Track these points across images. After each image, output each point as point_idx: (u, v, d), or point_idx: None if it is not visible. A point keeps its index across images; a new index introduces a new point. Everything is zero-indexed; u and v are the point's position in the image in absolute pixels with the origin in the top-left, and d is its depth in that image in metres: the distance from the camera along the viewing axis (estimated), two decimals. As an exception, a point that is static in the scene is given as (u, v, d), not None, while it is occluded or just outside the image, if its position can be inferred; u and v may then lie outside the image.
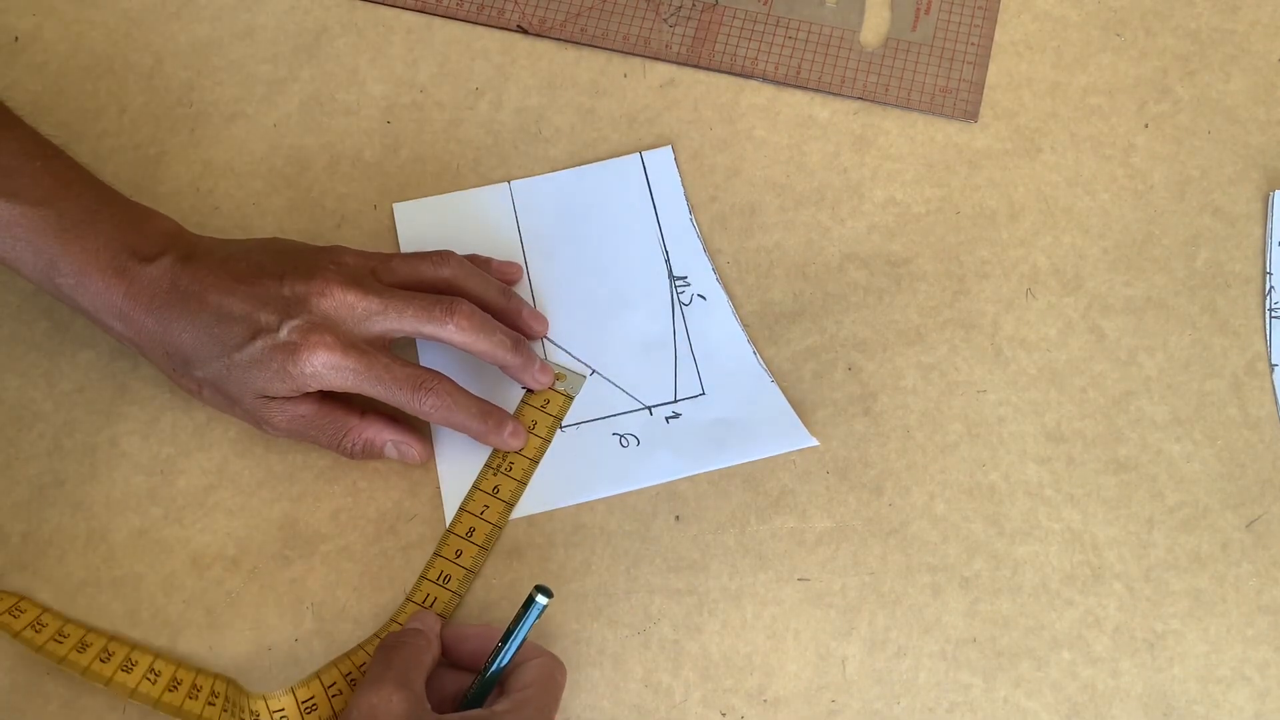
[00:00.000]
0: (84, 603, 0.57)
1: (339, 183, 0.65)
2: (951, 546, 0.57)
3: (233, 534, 0.58)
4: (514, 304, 0.60)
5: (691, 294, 0.62)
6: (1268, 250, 0.61)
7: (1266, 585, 0.56)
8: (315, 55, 0.68)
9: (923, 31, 0.67)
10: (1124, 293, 0.61)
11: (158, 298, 0.55)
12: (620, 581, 0.57)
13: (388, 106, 0.66)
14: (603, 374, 0.60)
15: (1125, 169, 0.63)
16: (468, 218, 0.64)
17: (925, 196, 0.63)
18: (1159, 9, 0.67)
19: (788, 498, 0.58)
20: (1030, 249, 0.62)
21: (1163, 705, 0.54)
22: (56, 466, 0.59)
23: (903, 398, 0.59)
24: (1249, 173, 0.63)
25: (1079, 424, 0.59)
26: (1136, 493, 0.57)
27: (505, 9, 0.68)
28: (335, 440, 0.57)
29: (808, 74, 0.66)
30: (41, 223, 0.55)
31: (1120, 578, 0.56)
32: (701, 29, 0.67)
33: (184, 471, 0.59)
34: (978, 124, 0.65)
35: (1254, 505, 0.57)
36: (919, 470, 0.58)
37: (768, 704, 0.54)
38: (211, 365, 0.54)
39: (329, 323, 0.54)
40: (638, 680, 0.55)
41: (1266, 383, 0.59)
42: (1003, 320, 0.61)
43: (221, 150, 0.66)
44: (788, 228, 0.63)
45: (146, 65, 0.68)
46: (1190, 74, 0.65)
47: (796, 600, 0.56)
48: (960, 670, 0.55)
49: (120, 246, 0.55)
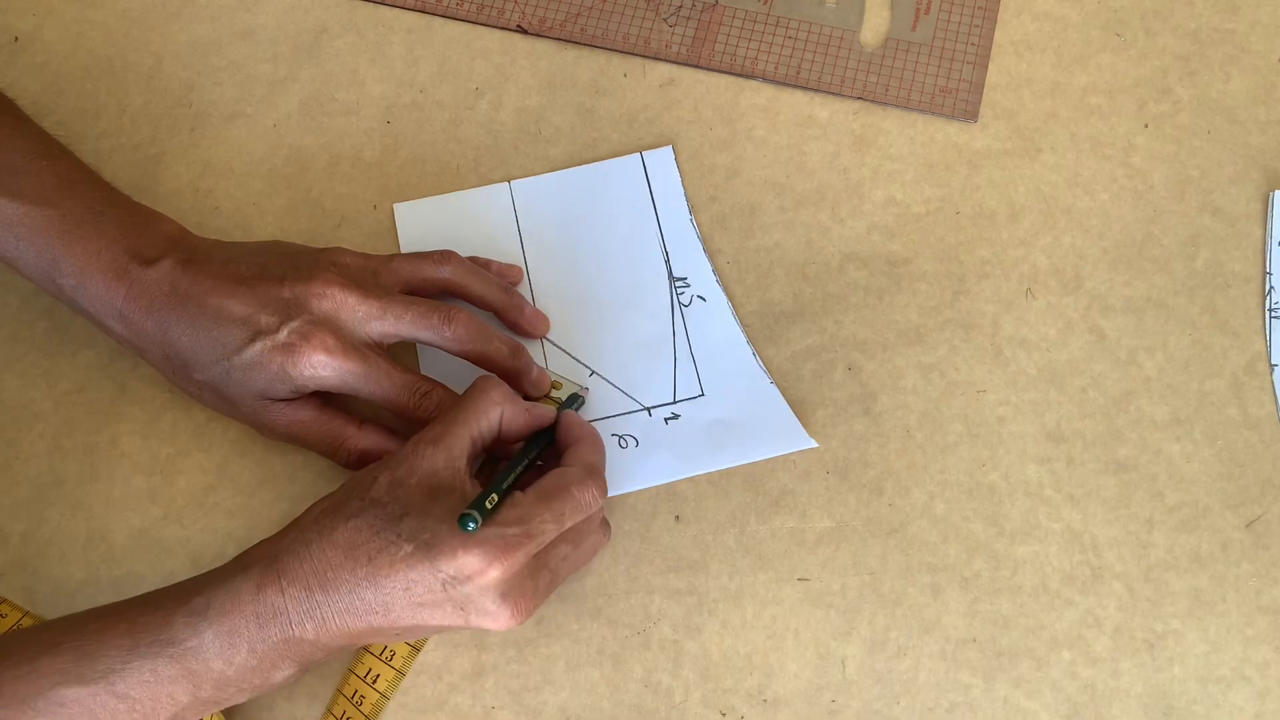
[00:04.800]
0: (84, 603, 0.57)
1: (339, 183, 0.65)
2: (951, 546, 0.57)
3: (233, 534, 0.58)
4: (516, 303, 0.60)
5: (691, 295, 0.62)
6: (1268, 250, 0.61)
7: (1266, 585, 0.56)
8: (315, 55, 0.68)
9: (923, 31, 0.67)
10: (1124, 293, 0.61)
11: (157, 301, 0.55)
12: (620, 581, 0.57)
13: (388, 106, 0.66)
14: (602, 375, 0.60)
15: (1125, 169, 0.63)
16: (468, 218, 0.64)
17: (925, 196, 0.63)
18: (1159, 9, 0.67)
19: (788, 498, 0.58)
20: (1030, 249, 0.62)
21: (1163, 705, 0.54)
22: (56, 466, 0.59)
23: (903, 398, 0.59)
24: (1249, 173, 0.63)
25: (1079, 424, 0.59)
26: (1136, 493, 0.57)
27: (505, 9, 0.68)
28: (332, 448, 0.57)
29: (808, 74, 0.66)
30: (44, 223, 0.55)
31: (1120, 578, 0.56)
32: (701, 29, 0.67)
33: (184, 471, 0.59)
34: (978, 124, 0.65)
35: (1254, 505, 0.57)
36: (919, 470, 0.58)
37: (768, 704, 0.54)
38: (211, 368, 0.54)
39: (329, 324, 0.54)
40: (638, 680, 0.55)
41: (1266, 383, 0.59)
42: (1003, 320, 0.61)
43: (221, 150, 0.66)
44: (788, 228, 0.63)
45: (146, 65, 0.68)
46: (1190, 74, 0.65)
47: (796, 600, 0.56)
48: (960, 670, 0.55)
49: (122, 249, 0.55)
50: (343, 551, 0.49)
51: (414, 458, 0.51)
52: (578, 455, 0.54)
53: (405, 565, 0.48)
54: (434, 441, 0.51)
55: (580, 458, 0.54)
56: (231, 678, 0.48)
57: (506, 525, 0.49)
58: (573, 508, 0.51)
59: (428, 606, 0.49)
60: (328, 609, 0.49)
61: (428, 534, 0.48)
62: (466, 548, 0.48)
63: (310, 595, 0.48)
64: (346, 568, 0.49)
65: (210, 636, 0.48)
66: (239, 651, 0.48)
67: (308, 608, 0.48)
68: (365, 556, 0.49)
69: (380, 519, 0.49)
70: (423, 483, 0.50)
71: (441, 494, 0.50)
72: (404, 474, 0.50)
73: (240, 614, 0.48)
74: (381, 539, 0.49)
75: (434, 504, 0.49)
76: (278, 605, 0.48)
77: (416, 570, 0.48)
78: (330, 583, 0.49)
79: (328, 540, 0.49)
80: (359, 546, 0.49)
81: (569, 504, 0.51)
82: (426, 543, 0.48)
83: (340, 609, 0.49)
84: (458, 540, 0.48)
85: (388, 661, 0.54)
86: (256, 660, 0.48)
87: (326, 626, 0.49)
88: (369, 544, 0.49)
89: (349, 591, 0.49)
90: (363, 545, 0.49)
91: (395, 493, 0.50)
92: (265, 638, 0.48)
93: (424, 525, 0.49)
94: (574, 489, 0.51)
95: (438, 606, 0.49)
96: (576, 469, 0.52)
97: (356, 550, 0.49)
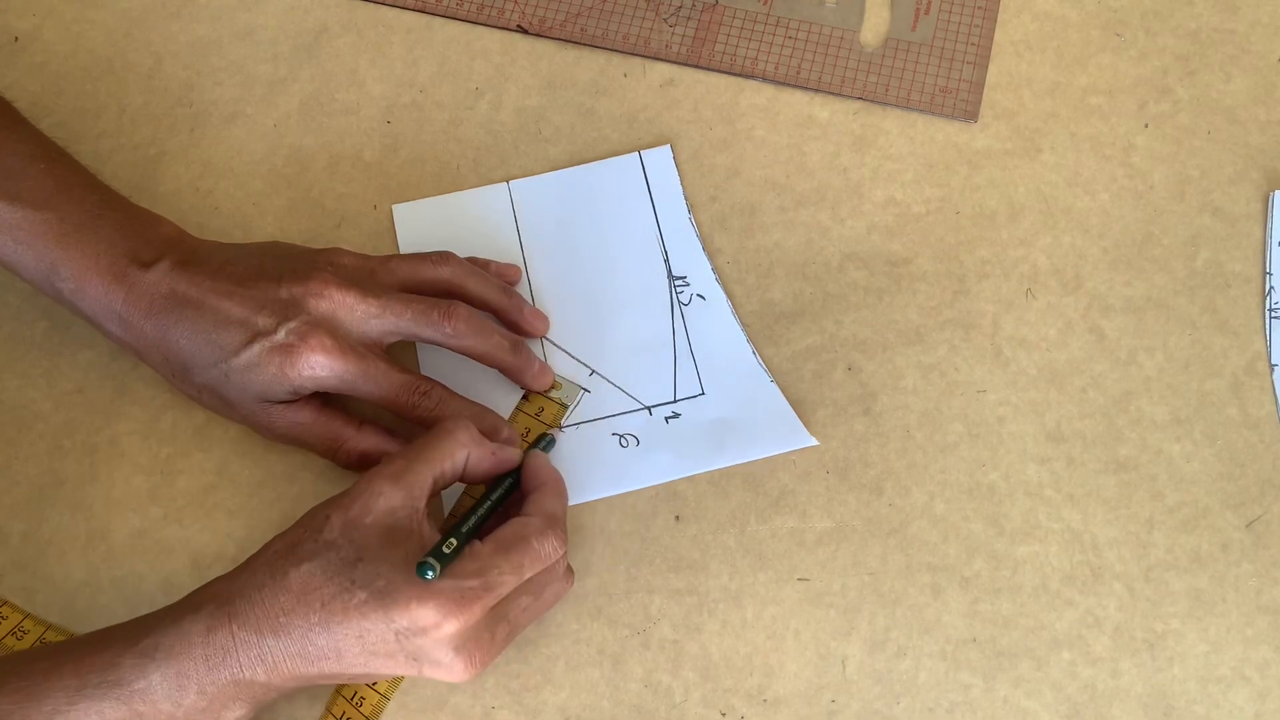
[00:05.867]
0: (84, 603, 0.57)
1: (339, 183, 0.65)
2: (951, 546, 0.57)
3: (233, 534, 0.58)
4: (515, 302, 0.60)
5: (691, 294, 0.62)
6: (1268, 250, 0.61)
7: (1266, 585, 0.56)
8: (315, 55, 0.68)
9: (923, 31, 0.67)
10: (1124, 293, 0.61)
11: (156, 303, 0.55)
12: (620, 581, 0.57)
13: (388, 106, 0.66)
14: (602, 374, 0.60)
15: (1125, 169, 0.63)
16: (466, 218, 0.64)
17: (925, 196, 0.63)
18: (1159, 9, 0.67)
19: (788, 498, 0.58)
20: (1030, 249, 0.62)
21: (1163, 705, 0.54)
22: (56, 466, 0.59)
23: (903, 398, 0.59)
24: (1249, 173, 0.63)
25: (1079, 424, 0.59)
26: (1136, 493, 0.57)
27: (505, 9, 0.68)
28: (331, 449, 0.57)
29: (808, 74, 0.66)
30: (43, 226, 0.55)
31: (1120, 578, 0.56)
32: (701, 29, 0.67)
33: (184, 471, 0.59)
34: (978, 124, 0.65)
35: (1254, 505, 0.57)
36: (919, 470, 0.58)
37: (768, 704, 0.54)
38: (210, 370, 0.54)
39: (326, 324, 0.54)
40: (638, 680, 0.55)
41: (1266, 383, 0.59)
42: (1003, 320, 0.61)
43: (221, 150, 0.66)
44: (788, 228, 0.63)
45: (146, 65, 0.68)
46: (1190, 74, 0.65)
47: (796, 600, 0.56)
48: (960, 670, 0.55)
49: (121, 252, 0.55)
50: (295, 596, 0.48)
51: (370, 496, 0.49)
52: (539, 504, 0.53)
53: (358, 614, 0.47)
54: (394, 479, 0.50)
55: (541, 506, 0.52)
56: (180, 719, 0.48)
57: (464, 578, 0.48)
58: (532, 559, 0.50)
59: (380, 656, 0.48)
60: (279, 653, 0.48)
61: (382, 581, 0.48)
62: (421, 600, 0.47)
63: (262, 639, 0.48)
64: (299, 613, 0.48)
65: (158, 679, 0.47)
66: (188, 693, 0.47)
67: (259, 652, 0.48)
68: (319, 602, 0.48)
69: (334, 564, 0.48)
70: (378, 523, 0.49)
71: (398, 538, 0.49)
72: (358, 513, 0.49)
73: (189, 656, 0.47)
74: (335, 585, 0.48)
75: (390, 549, 0.48)
76: (227, 648, 0.48)
77: (369, 619, 0.47)
78: (282, 628, 0.48)
79: (280, 585, 0.48)
80: (312, 592, 0.48)
81: (528, 555, 0.50)
82: (380, 590, 0.47)
83: (292, 653, 0.48)
84: (413, 591, 0.47)
85: None
86: (206, 701, 0.48)
87: (278, 670, 0.48)
88: (322, 589, 0.48)
89: (300, 637, 0.48)
90: (315, 590, 0.48)
91: (350, 535, 0.49)
92: (215, 680, 0.48)
93: (379, 572, 0.48)
94: (534, 540, 0.50)
95: (390, 657, 0.48)
96: (537, 519, 0.51)
97: (310, 595, 0.48)
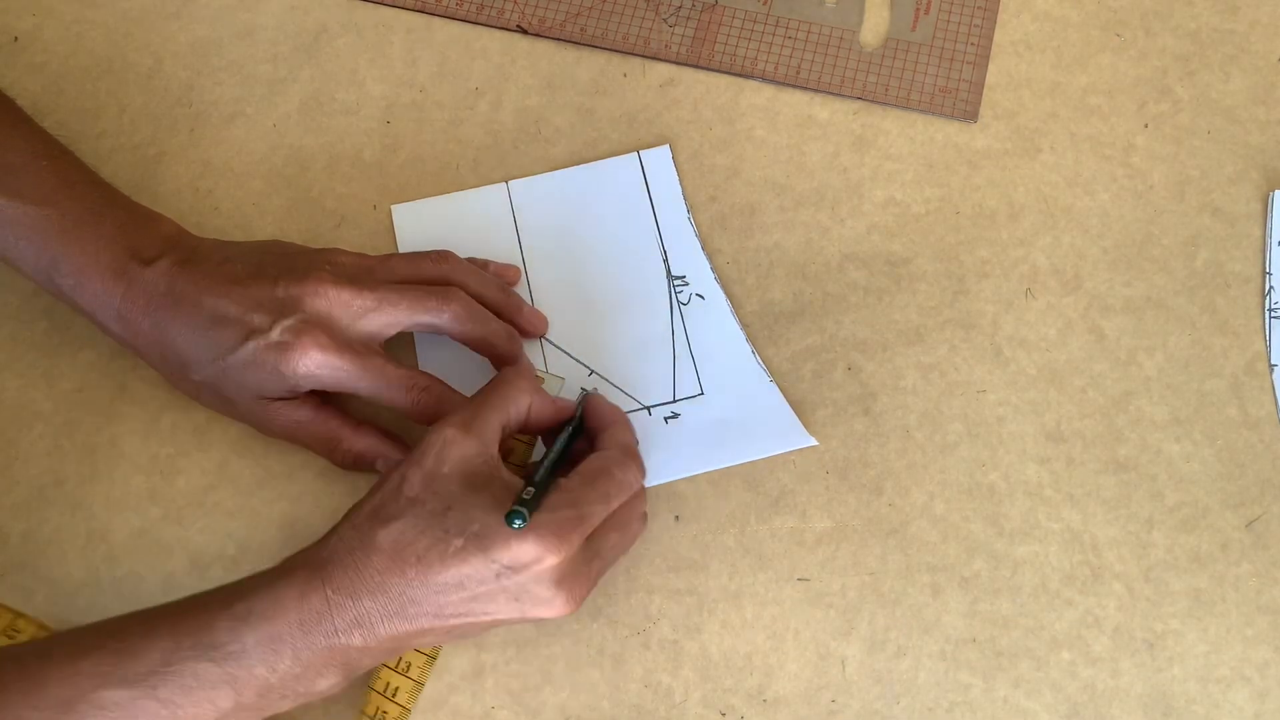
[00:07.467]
0: (84, 603, 0.57)
1: (338, 183, 0.65)
2: (951, 546, 0.57)
3: (232, 534, 0.58)
4: (513, 301, 0.60)
5: (690, 294, 0.62)
6: (1267, 250, 0.61)
7: (1266, 585, 0.56)
8: (315, 55, 0.68)
9: (922, 31, 0.67)
10: (1124, 293, 0.61)
11: (154, 301, 0.55)
12: (620, 581, 0.57)
13: (387, 106, 0.66)
14: (601, 374, 0.60)
15: (1125, 169, 0.63)
16: (466, 218, 0.64)
17: (925, 196, 0.63)
18: (1159, 9, 0.67)
19: (788, 498, 0.58)
20: (1030, 249, 0.62)
21: (1163, 705, 0.54)
22: (56, 466, 0.59)
23: (903, 398, 0.59)
24: (1249, 173, 0.63)
25: (1079, 424, 0.59)
26: (1136, 493, 0.57)
27: (505, 9, 0.68)
28: (329, 448, 0.57)
29: (808, 74, 0.66)
30: (44, 222, 0.55)
31: (1120, 578, 0.56)
32: (701, 29, 0.67)
33: (184, 471, 0.59)
34: (977, 124, 0.65)
35: (1254, 505, 0.57)
36: (919, 470, 0.58)
37: (768, 704, 0.54)
38: (207, 368, 0.54)
39: (322, 322, 0.54)
40: (638, 680, 0.55)
41: (1266, 383, 0.59)
42: (1003, 320, 0.61)
43: (221, 150, 0.66)
44: (787, 228, 0.63)
45: (146, 65, 0.68)
46: (1190, 74, 0.65)
47: (796, 600, 0.56)
48: (960, 670, 0.55)
49: (121, 249, 0.55)
50: (388, 556, 0.48)
51: (443, 447, 0.50)
52: (613, 437, 0.54)
53: (458, 560, 0.48)
54: (463, 426, 0.50)
55: (615, 439, 0.53)
56: (275, 684, 0.48)
57: (557, 509, 0.48)
58: (617, 488, 0.51)
59: (481, 599, 0.48)
60: (376, 614, 0.48)
61: (476, 525, 0.48)
62: (521, 536, 0.47)
63: (358, 602, 0.48)
64: (395, 571, 0.48)
65: (253, 642, 0.47)
66: (282, 658, 0.47)
67: (355, 615, 0.48)
68: (414, 556, 0.48)
69: (423, 517, 0.48)
70: (456, 472, 0.49)
71: (479, 483, 0.49)
72: (434, 465, 0.49)
73: (284, 620, 0.47)
74: (429, 537, 0.48)
75: (474, 494, 0.49)
76: (322, 612, 0.48)
77: (470, 564, 0.48)
78: (379, 588, 0.48)
79: (371, 546, 0.48)
80: (405, 548, 0.48)
81: (613, 485, 0.51)
82: (476, 534, 0.48)
83: (389, 613, 0.48)
84: (509, 530, 0.47)
85: (404, 673, 0.54)
86: (301, 668, 0.48)
87: (374, 632, 0.48)
88: (415, 544, 0.48)
89: (399, 595, 0.48)
90: (409, 546, 0.48)
91: (432, 487, 0.49)
92: (310, 645, 0.48)
93: (471, 517, 0.48)
94: (615, 470, 0.51)
95: (492, 599, 0.49)
96: (614, 451, 0.52)
97: (404, 552, 0.48)
